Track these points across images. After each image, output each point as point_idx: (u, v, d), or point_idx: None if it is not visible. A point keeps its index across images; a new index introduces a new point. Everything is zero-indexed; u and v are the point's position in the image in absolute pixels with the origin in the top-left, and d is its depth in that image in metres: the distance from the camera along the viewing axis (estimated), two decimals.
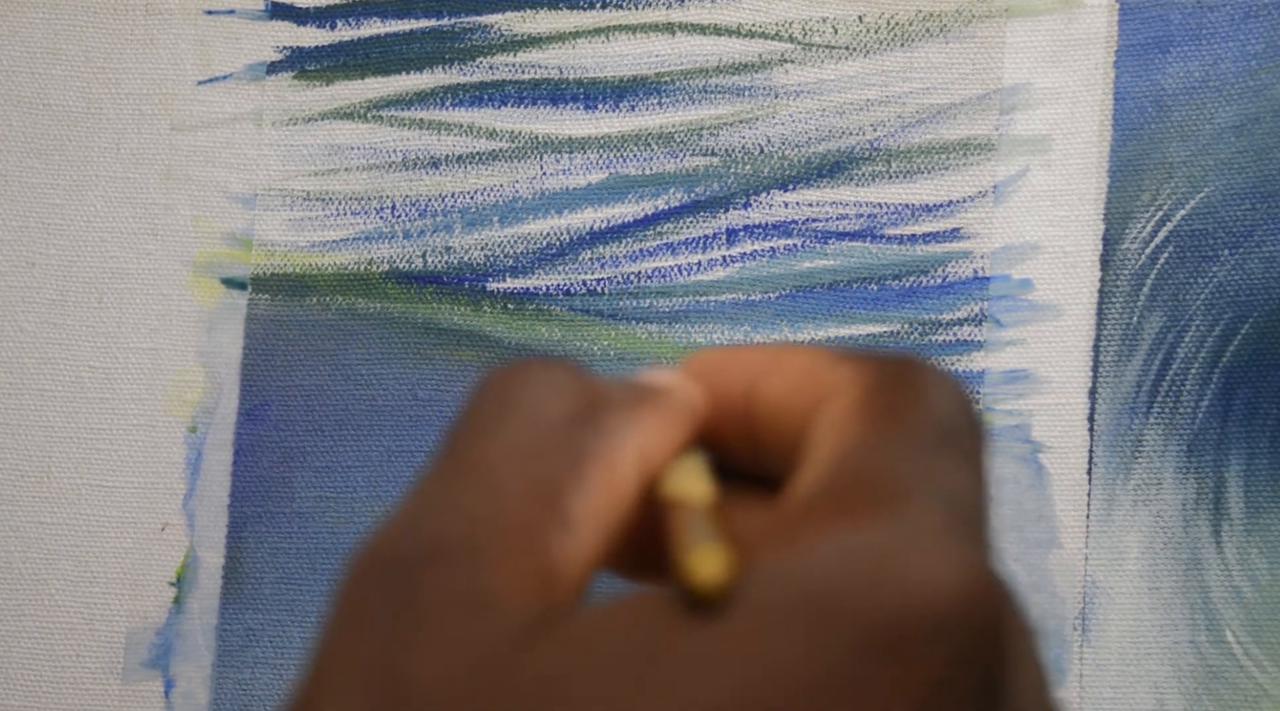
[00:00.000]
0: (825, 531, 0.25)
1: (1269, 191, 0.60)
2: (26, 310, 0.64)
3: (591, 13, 0.64)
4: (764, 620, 0.24)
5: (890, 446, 0.27)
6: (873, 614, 0.24)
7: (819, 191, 0.63)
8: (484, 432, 0.28)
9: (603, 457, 0.28)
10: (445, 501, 0.27)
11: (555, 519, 0.27)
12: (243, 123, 0.64)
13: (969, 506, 0.27)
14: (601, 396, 0.29)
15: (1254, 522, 0.60)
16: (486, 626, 0.25)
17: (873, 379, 0.29)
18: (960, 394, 0.29)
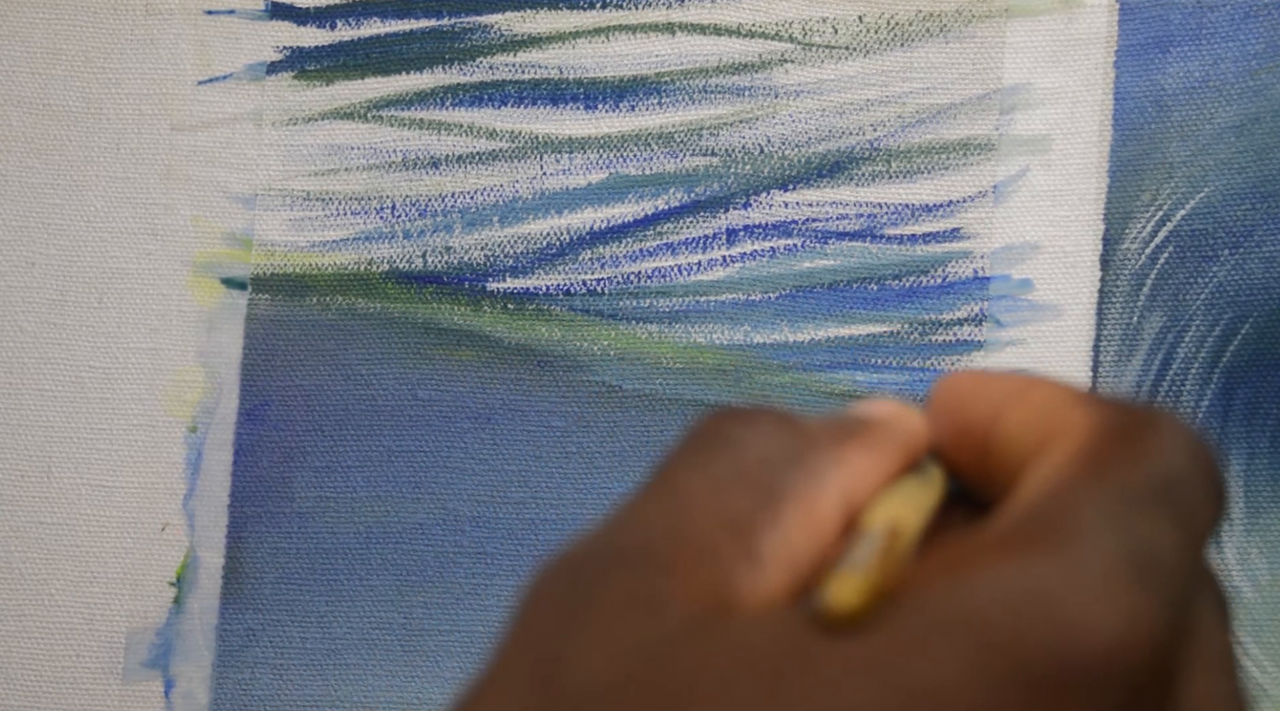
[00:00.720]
0: (990, 565, 0.25)
1: (1269, 191, 0.60)
2: (26, 310, 0.64)
3: (591, 13, 0.64)
4: (908, 642, 0.24)
5: (1090, 493, 0.27)
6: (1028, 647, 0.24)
7: (819, 191, 0.63)
8: (686, 466, 0.29)
9: (802, 498, 0.28)
10: (635, 519, 0.28)
11: (742, 551, 0.27)
12: (243, 123, 0.64)
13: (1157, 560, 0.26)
14: (809, 437, 0.29)
15: (1254, 523, 0.60)
16: (648, 625, 0.25)
17: (1104, 424, 0.28)
18: (1196, 453, 0.28)
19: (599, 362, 0.62)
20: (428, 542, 0.62)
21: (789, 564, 0.27)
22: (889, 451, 0.30)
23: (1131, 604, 0.25)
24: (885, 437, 0.30)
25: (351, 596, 0.62)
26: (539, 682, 0.25)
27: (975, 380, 0.31)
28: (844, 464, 0.29)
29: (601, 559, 0.27)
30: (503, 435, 0.62)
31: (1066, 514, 0.26)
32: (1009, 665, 0.24)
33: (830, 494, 0.28)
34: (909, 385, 0.62)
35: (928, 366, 0.62)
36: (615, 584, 0.26)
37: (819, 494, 0.28)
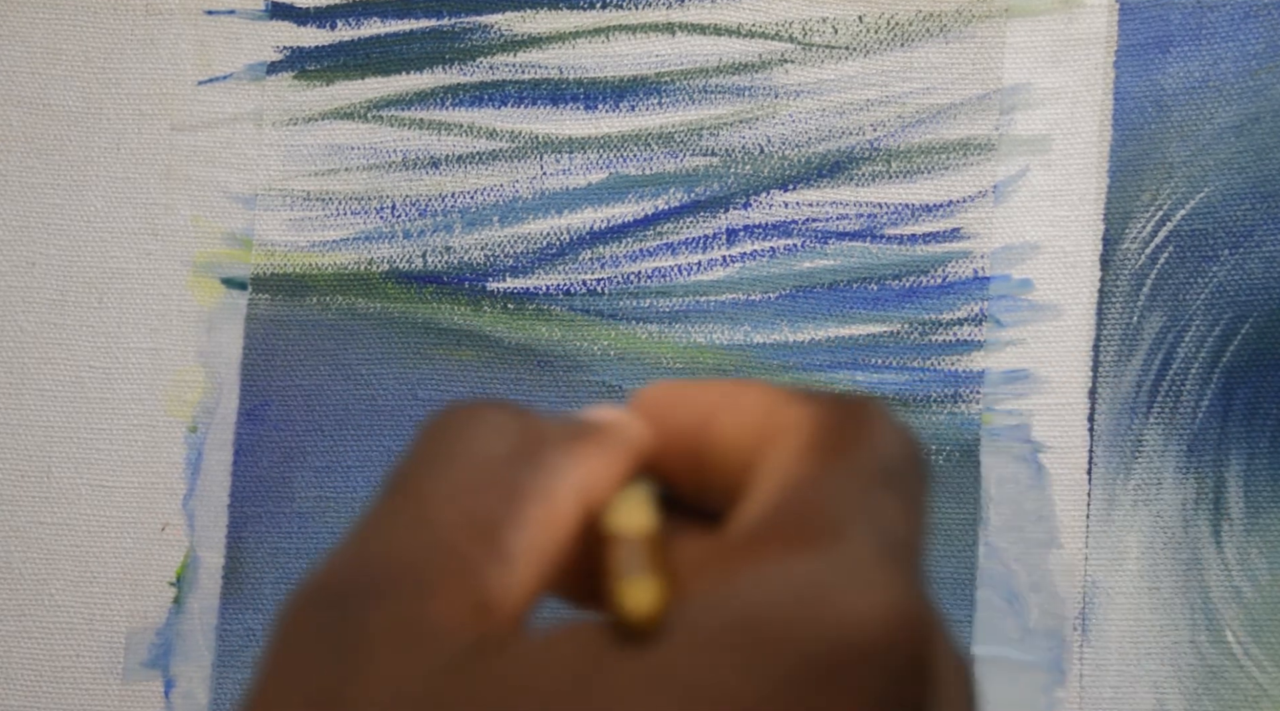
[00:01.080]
0: (759, 563, 0.26)
1: (1269, 191, 0.60)
2: (26, 310, 0.64)
3: (591, 13, 0.64)
4: (695, 648, 0.25)
5: (830, 483, 0.28)
6: (802, 642, 0.25)
7: (819, 191, 0.63)
8: (425, 471, 0.29)
9: (541, 493, 0.29)
10: (384, 536, 0.28)
11: (492, 553, 0.27)
12: (243, 123, 0.64)
13: (903, 542, 0.27)
14: (542, 434, 0.30)
15: (1254, 522, 0.60)
16: (426, 656, 0.25)
17: (822, 418, 0.30)
18: (906, 436, 0.30)
19: (599, 362, 0.62)
20: None
21: (535, 561, 0.28)
22: (620, 454, 0.30)
23: (894, 588, 0.26)
24: (616, 440, 0.31)
25: None
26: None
27: (677, 388, 0.32)
28: (580, 463, 0.29)
29: (360, 584, 0.27)
30: None
31: (815, 507, 0.27)
32: (785, 660, 0.25)
33: (569, 491, 0.29)
34: (909, 385, 0.62)
35: (928, 366, 0.62)
36: (381, 613, 0.26)
37: (558, 490, 0.29)
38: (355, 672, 0.25)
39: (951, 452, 0.61)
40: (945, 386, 0.62)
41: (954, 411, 0.61)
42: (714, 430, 0.31)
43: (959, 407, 0.61)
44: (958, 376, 0.62)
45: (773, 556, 0.26)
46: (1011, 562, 0.60)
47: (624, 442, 0.31)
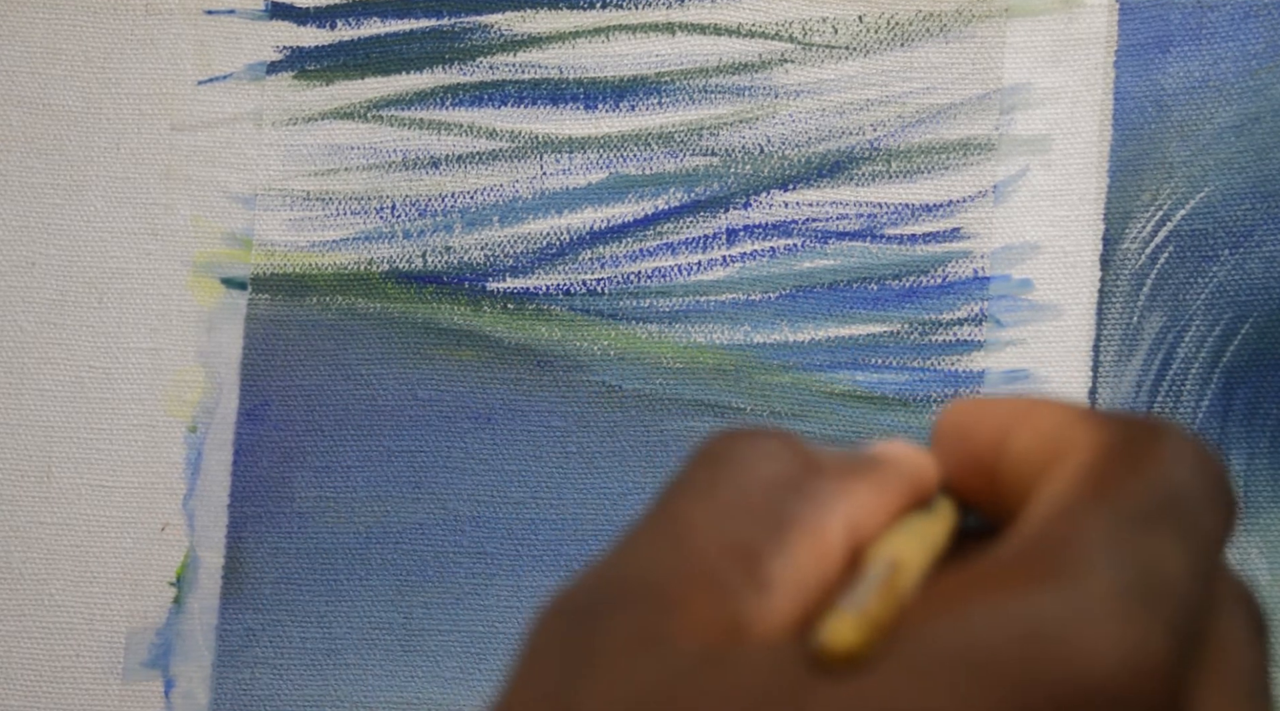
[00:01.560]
0: (993, 596, 0.25)
1: (1269, 191, 0.60)
2: (26, 310, 0.64)
3: (591, 13, 0.64)
4: (908, 676, 0.24)
5: (1093, 514, 0.26)
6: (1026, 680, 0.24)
7: (819, 191, 0.63)
8: (689, 493, 0.28)
9: (809, 525, 0.28)
10: (638, 554, 0.27)
11: (750, 579, 0.27)
12: (243, 123, 0.64)
13: (1163, 581, 0.25)
14: (816, 465, 0.29)
15: (1254, 522, 0.60)
16: (655, 664, 0.25)
17: (1107, 441, 0.28)
18: (1203, 465, 0.28)
19: (599, 363, 0.62)
20: (428, 542, 0.62)
21: (797, 591, 0.27)
22: (896, 488, 0.30)
23: (1134, 631, 0.24)
24: (893, 474, 0.30)
25: (351, 596, 0.62)
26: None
27: (979, 406, 0.31)
28: (850, 495, 0.29)
29: (606, 597, 0.27)
30: (503, 435, 0.62)
31: (1067, 540, 0.26)
32: (1008, 698, 0.24)
33: (837, 523, 0.28)
34: (909, 385, 0.62)
35: (928, 366, 0.62)
36: (621, 623, 0.26)
37: (826, 522, 0.28)
38: (585, 678, 0.25)
39: None
40: (945, 386, 0.62)
41: None
42: (1007, 449, 0.30)
43: None
44: (958, 376, 0.62)
45: (1009, 590, 0.25)
46: None
47: (901, 476, 0.30)
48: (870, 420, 0.62)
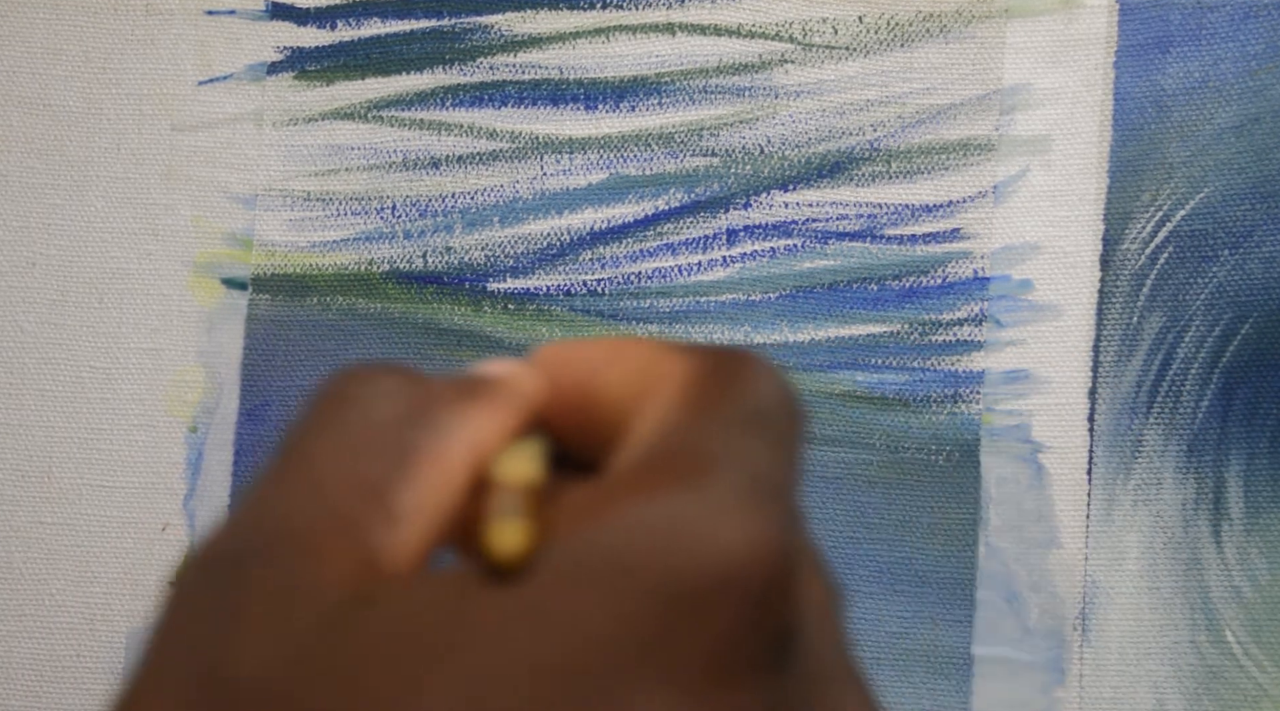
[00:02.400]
0: (628, 503, 0.27)
1: (1269, 191, 0.60)
2: (26, 310, 0.64)
3: (591, 13, 0.64)
4: (560, 584, 0.26)
5: (701, 426, 0.29)
6: (662, 573, 0.26)
7: (819, 191, 0.63)
8: (313, 435, 0.29)
9: (431, 453, 0.29)
10: (271, 501, 0.28)
11: (381, 513, 0.28)
12: (243, 123, 0.64)
13: (771, 481, 0.28)
14: (432, 394, 0.30)
15: (1254, 522, 0.60)
16: (302, 614, 0.26)
17: (697, 368, 0.31)
18: (779, 381, 0.31)
19: None
20: None
21: (426, 520, 0.28)
22: (511, 408, 0.31)
23: (758, 523, 0.26)
24: (506, 395, 0.31)
25: None
26: (202, 683, 0.25)
27: (568, 346, 0.33)
28: (469, 420, 0.30)
29: (246, 549, 0.27)
30: None
31: (685, 447, 0.28)
32: (645, 590, 0.25)
33: (458, 449, 0.29)
34: (909, 385, 0.62)
35: (928, 366, 0.62)
36: (264, 575, 0.27)
37: (448, 449, 0.29)
38: (233, 637, 0.26)
39: (951, 453, 0.61)
40: (945, 386, 0.62)
41: (954, 411, 0.61)
42: (599, 384, 0.32)
43: (959, 408, 0.61)
44: (958, 376, 0.62)
45: (640, 496, 0.27)
46: (1011, 562, 0.60)
47: (515, 396, 0.31)
48: (870, 420, 0.62)
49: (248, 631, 0.26)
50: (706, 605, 0.26)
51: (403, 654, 0.25)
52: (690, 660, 0.25)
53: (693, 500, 0.27)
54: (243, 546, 0.27)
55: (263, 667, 0.25)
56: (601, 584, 0.25)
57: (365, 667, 0.25)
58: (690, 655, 0.25)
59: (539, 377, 0.32)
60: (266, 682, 0.25)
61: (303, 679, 0.25)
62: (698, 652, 0.25)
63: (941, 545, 0.61)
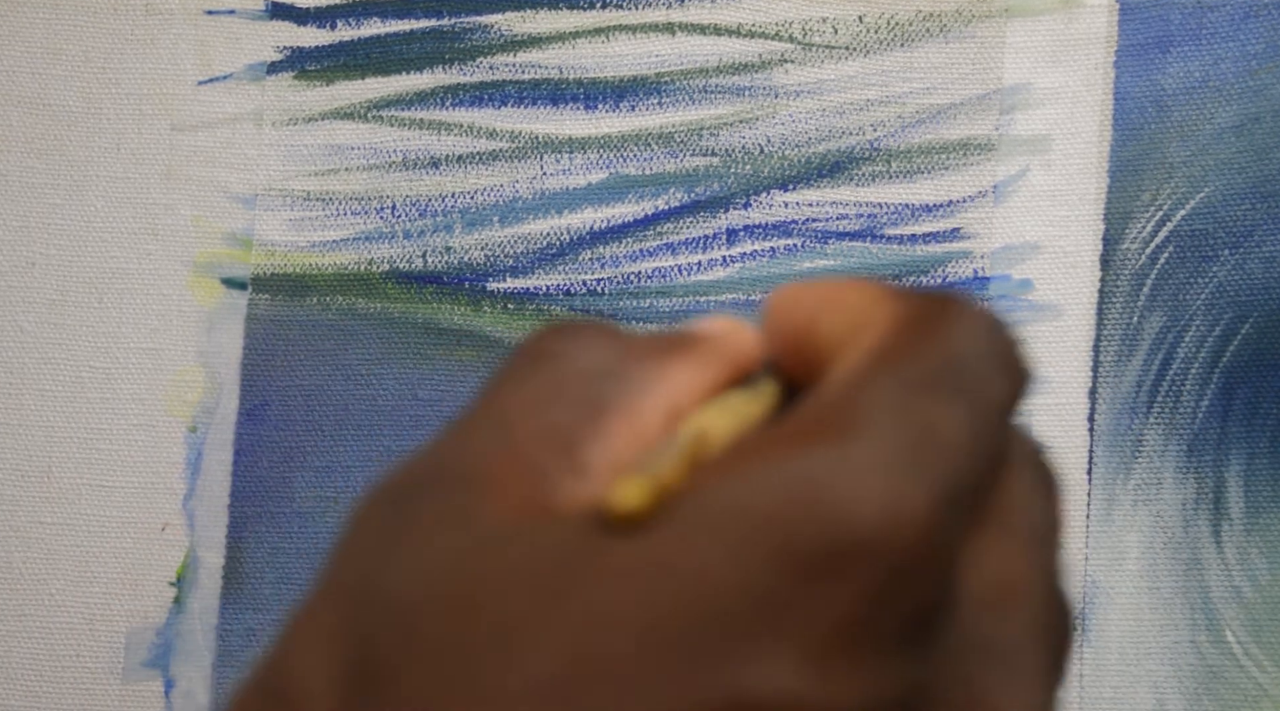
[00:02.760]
0: (771, 456, 0.26)
1: (1269, 191, 0.60)
2: (26, 310, 0.64)
3: (591, 13, 0.64)
4: (682, 535, 0.25)
5: (876, 380, 0.27)
6: (792, 532, 0.25)
7: (819, 191, 0.63)
8: (508, 385, 0.29)
9: (625, 409, 0.28)
10: (458, 441, 0.28)
11: (568, 464, 0.27)
12: (243, 123, 0.64)
13: (938, 443, 0.26)
14: (631, 350, 0.30)
15: (1254, 522, 0.60)
16: (459, 536, 0.26)
17: (902, 316, 0.29)
18: (992, 334, 0.29)
19: None
20: None
21: (614, 475, 0.28)
22: (714, 364, 0.30)
23: (896, 487, 0.25)
24: (710, 351, 0.30)
25: None
26: (355, 596, 0.26)
27: (798, 289, 0.31)
28: (667, 376, 0.29)
29: (422, 481, 0.27)
30: None
31: (846, 404, 0.27)
32: (772, 548, 0.24)
33: (653, 404, 0.29)
34: None
35: None
36: (433, 503, 0.27)
37: (642, 404, 0.29)
38: (393, 555, 0.26)
39: None
40: None
41: None
42: (817, 329, 0.30)
43: None
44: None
45: (786, 450, 0.26)
46: None
47: (720, 352, 0.30)
48: None
49: (405, 549, 0.26)
50: (838, 570, 0.24)
51: (525, 588, 0.25)
52: (814, 626, 0.24)
53: (836, 458, 0.25)
54: (419, 478, 0.27)
55: (405, 586, 0.25)
56: (726, 537, 0.25)
57: (491, 597, 0.25)
58: (815, 621, 0.24)
59: (750, 331, 0.31)
60: (409, 598, 0.25)
61: (437, 598, 0.25)
62: (824, 619, 0.24)
63: None
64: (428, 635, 0.25)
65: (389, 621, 0.25)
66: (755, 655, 0.24)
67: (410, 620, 0.25)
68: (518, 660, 0.24)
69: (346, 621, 0.26)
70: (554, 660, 0.24)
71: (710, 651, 0.24)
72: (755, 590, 0.24)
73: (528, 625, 0.24)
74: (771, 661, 0.24)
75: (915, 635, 0.25)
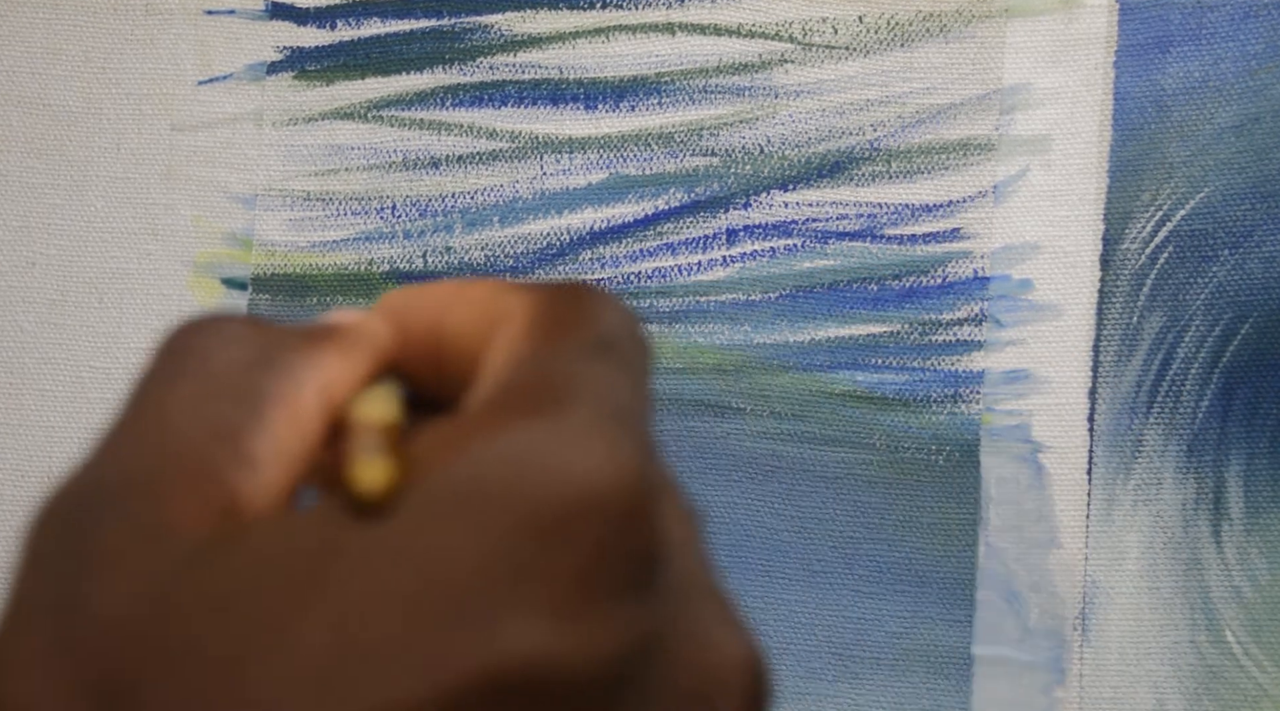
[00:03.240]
0: (486, 435, 0.27)
1: (1269, 191, 0.60)
2: (26, 310, 0.64)
3: (591, 13, 0.64)
4: (425, 516, 0.26)
5: (552, 356, 0.29)
6: (525, 501, 0.26)
7: (819, 191, 0.63)
8: (162, 382, 0.29)
9: (283, 397, 0.29)
10: (122, 448, 0.28)
11: (235, 457, 0.28)
12: (243, 123, 0.64)
13: (625, 408, 0.28)
14: (280, 340, 0.30)
15: (1254, 522, 0.60)
16: (161, 556, 0.26)
17: (541, 301, 0.31)
18: (624, 311, 0.31)
19: None
20: None
21: (282, 463, 0.28)
22: (362, 355, 0.31)
23: (611, 446, 0.27)
24: (358, 341, 0.31)
25: None
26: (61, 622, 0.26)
27: (411, 292, 0.33)
28: (320, 365, 0.30)
29: (95, 497, 0.27)
30: None
31: (538, 378, 0.28)
32: (508, 518, 0.26)
33: (310, 392, 0.29)
34: (909, 385, 0.62)
35: (928, 366, 0.62)
36: (114, 521, 0.27)
37: (299, 392, 0.29)
38: (92, 579, 0.26)
39: (951, 452, 0.61)
40: (945, 386, 0.62)
41: (954, 411, 0.61)
42: (447, 325, 0.32)
43: (959, 408, 0.61)
44: (958, 376, 0.62)
45: (497, 427, 0.27)
46: (1011, 562, 0.60)
47: (364, 342, 0.31)
48: (870, 420, 0.62)
49: (103, 572, 0.26)
50: (570, 529, 0.26)
51: (271, 587, 0.25)
52: (557, 583, 0.26)
53: (550, 428, 0.27)
54: (91, 492, 0.27)
55: (122, 606, 0.25)
56: (465, 515, 0.26)
57: (234, 602, 0.25)
58: (557, 578, 0.26)
59: (386, 324, 0.32)
60: (128, 619, 0.25)
61: (167, 615, 0.25)
62: (564, 576, 0.26)
63: (941, 545, 0.61)
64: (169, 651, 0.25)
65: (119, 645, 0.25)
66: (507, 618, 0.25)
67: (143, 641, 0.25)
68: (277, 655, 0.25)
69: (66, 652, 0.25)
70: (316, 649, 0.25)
71: (465, 620, 0.25)
72: (498, 560, 0.25)
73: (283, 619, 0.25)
74: (522, 621, 0.25)
75: (645, 579, 0.27)
